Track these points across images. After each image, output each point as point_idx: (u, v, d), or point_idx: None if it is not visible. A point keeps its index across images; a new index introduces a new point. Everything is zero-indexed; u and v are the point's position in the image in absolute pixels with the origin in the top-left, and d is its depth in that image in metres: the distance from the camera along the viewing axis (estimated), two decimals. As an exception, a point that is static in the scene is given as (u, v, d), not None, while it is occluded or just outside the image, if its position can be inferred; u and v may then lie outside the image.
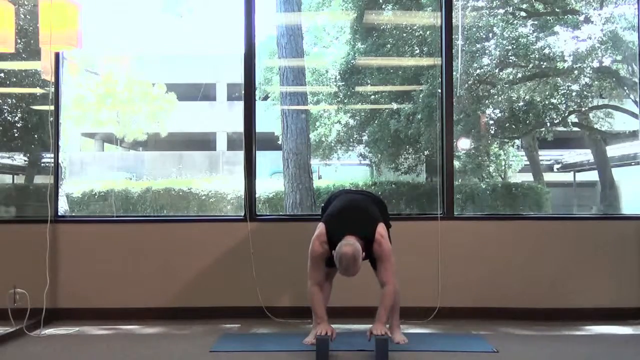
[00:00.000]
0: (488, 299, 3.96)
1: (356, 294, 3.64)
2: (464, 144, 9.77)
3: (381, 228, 3.10)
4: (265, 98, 10.93)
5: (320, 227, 3.15)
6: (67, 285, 3.97)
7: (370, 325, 2.99)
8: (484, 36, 9.81)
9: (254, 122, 4.14)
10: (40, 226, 3.78)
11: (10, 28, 3.58)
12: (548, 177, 12.41)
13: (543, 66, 9.73)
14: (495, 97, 9.93)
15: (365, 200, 3.35)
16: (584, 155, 12.34)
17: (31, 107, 8.67)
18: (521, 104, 9.84)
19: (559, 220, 4.18)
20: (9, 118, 8.83)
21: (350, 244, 2.94)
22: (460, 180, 10.06)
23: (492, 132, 10.20)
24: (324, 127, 10.72)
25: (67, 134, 12.16)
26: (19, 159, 9.87)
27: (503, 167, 11.26)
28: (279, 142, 8.60)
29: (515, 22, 9.77)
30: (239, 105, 4.36)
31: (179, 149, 14.02)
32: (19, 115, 8.89)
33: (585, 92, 9.81)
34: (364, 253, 3.01)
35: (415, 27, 10.11)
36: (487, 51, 9.88)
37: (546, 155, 13.15)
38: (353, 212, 3.17)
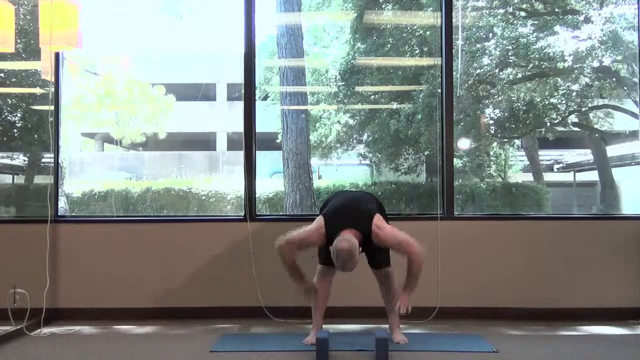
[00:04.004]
0: (488, 299, 3.96)
1: (356, 294, 3.64)
2: (464, 144, 9.77)
3: (377, 219, 3.10)
4: (265, 98, 10.92)
5: (319, 219, 3.15)
6: (67, 285, 3.97)
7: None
8: (484, 36, 9.81)
9: (254, 122, 4.14)
10: (40, 226, 3.78)
11: (10, 28, 3.58)
12: (548, 177, 12.41)
13: (543, 66, 9.73)
14: (495, 97, 9.93)
15: (362, 197, 3.41)
16: (584, 155, 12.35)
17: (31, 107, 8.67)
18: (521, 104, 9.84)
19: (559, 220, 4.17)
20: (9, 118, 8.83)
21: (346, 239, 2.94)
22: (460, 180, 10.06)
23: (492, 132, 10.21)
24: (324, 127, 10.71)
25: (67, 134, 12.17)
26: (19, 159, 9.87)
27: (503, 167, 11.27)
28: (279, 142, 8.60)
29: (515, 22, 9.77)
30: (239, 105, 4.36)
31: (179, 149, 14.02)
32: (19, 115, 8.89)
33: (585, 92, 9.81)
34: (360, 248, 3.00)
35: (415, 27, 10.11)
36: (487, 51, 9.88)
37: (546, 155, 13.15)
38: (350, 207, 3.18)
